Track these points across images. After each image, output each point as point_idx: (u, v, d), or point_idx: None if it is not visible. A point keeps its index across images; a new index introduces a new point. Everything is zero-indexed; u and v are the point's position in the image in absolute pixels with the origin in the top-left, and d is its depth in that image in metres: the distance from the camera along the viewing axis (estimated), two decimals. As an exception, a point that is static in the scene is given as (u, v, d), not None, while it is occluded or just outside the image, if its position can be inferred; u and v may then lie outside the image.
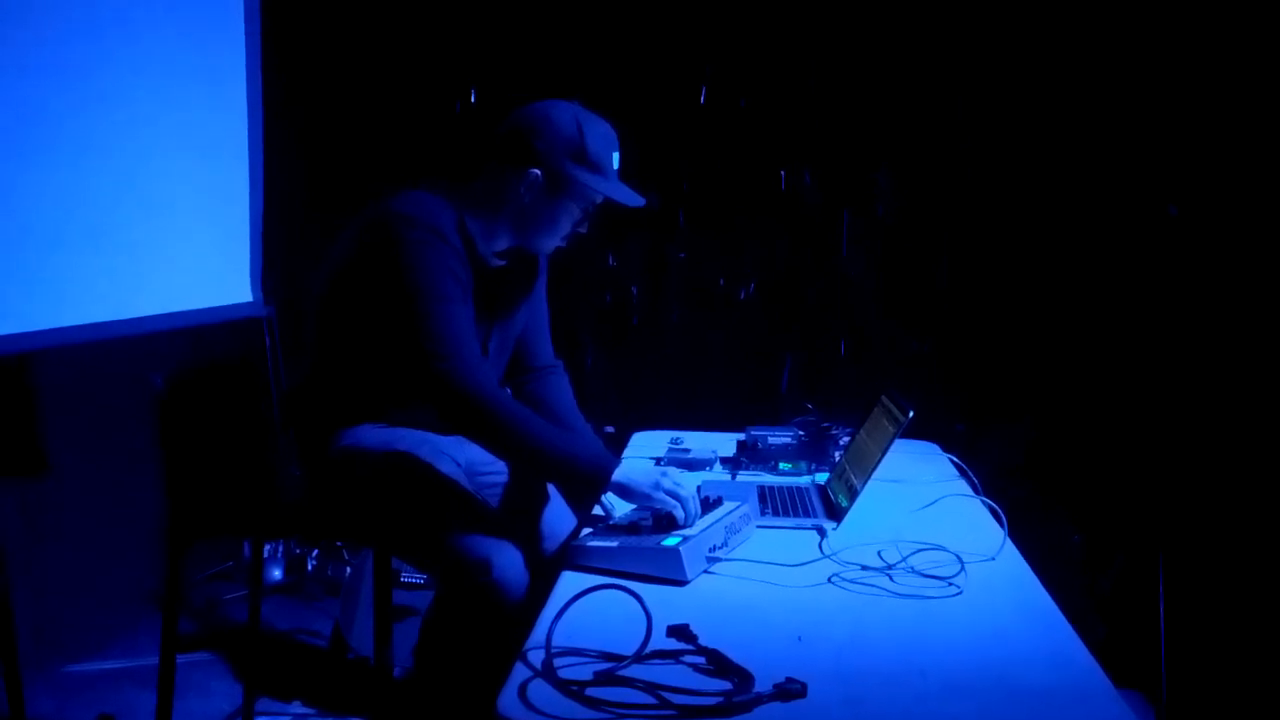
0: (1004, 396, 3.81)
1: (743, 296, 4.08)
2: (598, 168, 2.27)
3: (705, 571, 1.94)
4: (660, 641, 1.55)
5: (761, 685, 1.42)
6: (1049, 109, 3.72)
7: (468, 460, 2.40)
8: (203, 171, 3.55)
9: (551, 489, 2.51)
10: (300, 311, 2.48)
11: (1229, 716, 3.04)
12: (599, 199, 2.32)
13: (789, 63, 3.95)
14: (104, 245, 3.09)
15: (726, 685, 1.43)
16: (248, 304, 3.76)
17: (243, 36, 3.68)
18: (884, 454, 2.21)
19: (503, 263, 2.36)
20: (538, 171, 2.25)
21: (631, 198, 2.31)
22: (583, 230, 2.37)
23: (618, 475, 2.11)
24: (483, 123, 4.09)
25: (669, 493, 2.07)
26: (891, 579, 1.91)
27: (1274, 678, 3.13)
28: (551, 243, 2.37)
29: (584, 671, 1.47)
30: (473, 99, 4.12)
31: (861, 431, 2.52)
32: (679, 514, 2.05)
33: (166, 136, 3.34)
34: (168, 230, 3.36)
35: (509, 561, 2.10)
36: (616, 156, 2.32)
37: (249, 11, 3.68)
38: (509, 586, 2.08)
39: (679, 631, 1.57)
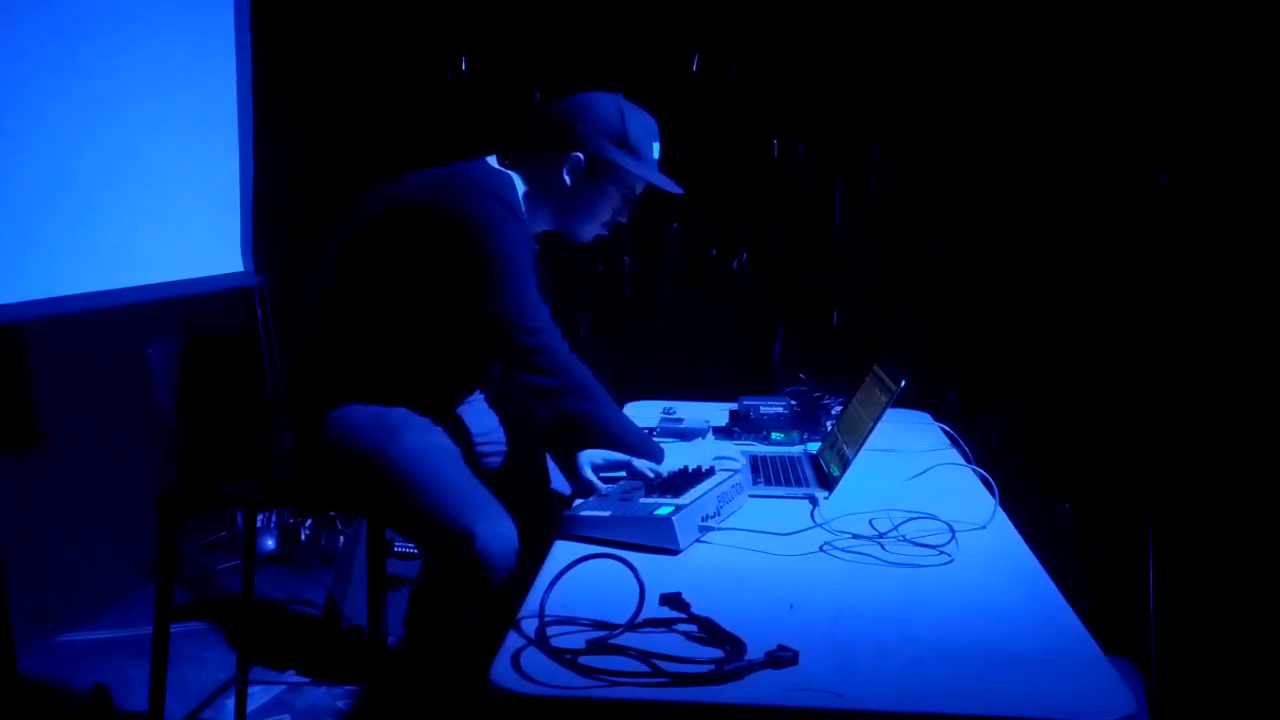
0: (996, 366, 3.81)
1: (735, 267, 4.07)
2: (638, 154, 2.33)
3: (697, 540, 1.95)
4: (653, 610, 1.55)
5: (753, 653, 1.42)
6: (1047, 82, 3.71)
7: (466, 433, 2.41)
8: (194, 141, 3.53)
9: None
10: (299, 283, 2.46)
11: (1216, 681, 3.06)
12: (639, 185, 2.39)
13: (782, 31, 3.93)
14: (96, 216, 3.08)
15: (719, 653, 1.44)
16: (239, 274, 3.75)
17: (232, 7, 3.66)
18: (876, 423, 2.21)
19: (537, 247, 2.38)
20: (580, 155, 2.30)
21: (671, 185, 2.37)
22: (622, 219, 2.43)
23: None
24: (474, 92, 4.08)
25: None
26: (883, 547, 1.92)
27: (1259, 645, 3.16)
28: (591, 230, 2.41)
29: (577, 640, 1.47)
30: (464, 68, 4.10)
31: (853, 401, 2.52)
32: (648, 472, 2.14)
33: (157, 107, 3.32)
34: (159, 200, 3.35)
35: (493, 533, 2.07)
36: (657, 146, 2.38)
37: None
38: (493, 558, 2.06)
39: (671, 600, 1.57)
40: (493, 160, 2.36)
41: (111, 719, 2.82)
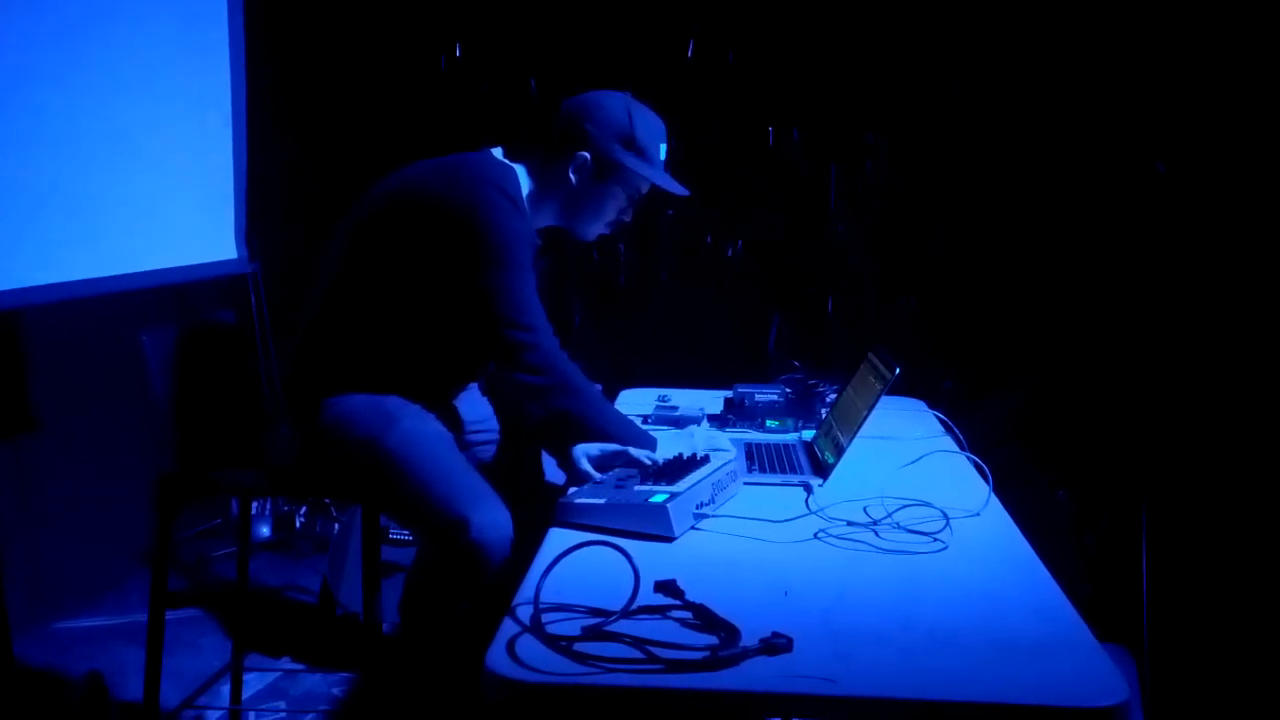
0: (991, 354, 3.81)
1: (730, 254, 4.07)
2: (645, 155, 2.33)
3: (692, 528, 1.95)
4: (648, 597, 1.56)
5: (748, 639, 1.43)
6: (1044, 69, 3.70)
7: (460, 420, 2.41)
8: (187, 128, 3.52)
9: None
10: (293, 269, 2.45)
11: (1210, 669, 3.07)
12: (645, 186, 2.39)
13: (779, 17, 3.92)
14: (90, 203, 3.07)
15: (713, 639, 1.44)
16: (233, 261, 3.74)
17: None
18: (870, 411, 2.22)
19: (540, 242, 2.38)
20: (586, 155, 2.31)
21: (677, 187, 2.37)
22: (626, 219, 2.42)
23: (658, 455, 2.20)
24: (467, 79, 4.07)
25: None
26: (877, 534, 1.92)
27: (1253, 632, 3.17)
28: (596, 229, 2.42)
29: (572, 627, 1.48)
30: (457, 54, 4.09)
31: (848, 388, 2.52)
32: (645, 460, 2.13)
33: (150, 94, 3.31)
34: (153, 188, 3.33)
35: (488, 521, 2.08)
36: (664, 148, 2.38)
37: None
38: (489, 546, 2.06)
39: (666, 587, 1.58)
40: (498, 152, 2.35)
41: (107, 706, 2.82)
